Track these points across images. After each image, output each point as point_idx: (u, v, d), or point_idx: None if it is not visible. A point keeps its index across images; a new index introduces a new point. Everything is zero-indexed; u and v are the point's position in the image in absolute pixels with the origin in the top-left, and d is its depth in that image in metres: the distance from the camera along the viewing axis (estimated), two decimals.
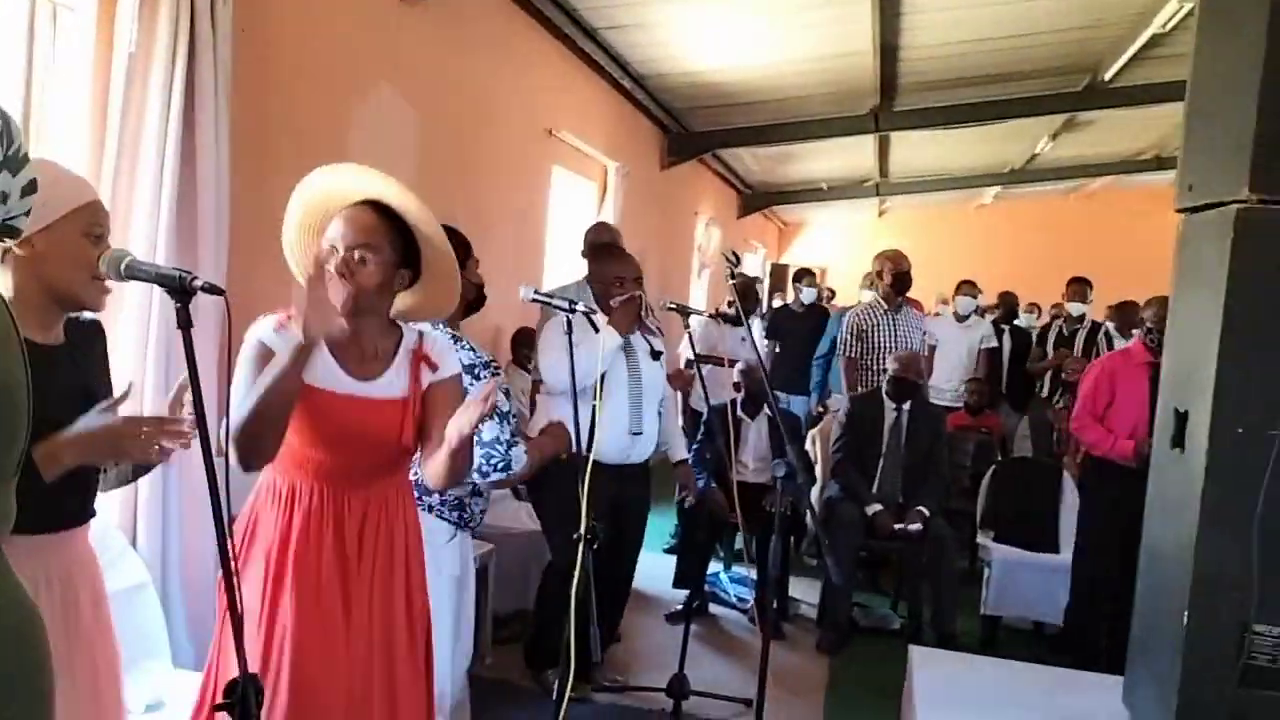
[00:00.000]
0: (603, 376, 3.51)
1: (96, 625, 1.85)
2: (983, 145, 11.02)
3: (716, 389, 5.74)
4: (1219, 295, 2.29)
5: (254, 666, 1.79)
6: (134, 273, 1.64)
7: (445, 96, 4.75)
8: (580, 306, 2.75)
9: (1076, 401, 4.63)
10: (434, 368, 2.17)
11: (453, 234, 2.59)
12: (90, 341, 1.89)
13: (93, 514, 1.87)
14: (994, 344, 7.31)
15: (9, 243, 1.69)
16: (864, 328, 5.67)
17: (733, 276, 3.32)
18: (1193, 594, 2.34)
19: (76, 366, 1.79)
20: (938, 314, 7.89)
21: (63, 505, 1.76)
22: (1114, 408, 4.33)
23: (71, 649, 1.76)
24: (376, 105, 4.12)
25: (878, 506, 4.77)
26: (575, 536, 2.71)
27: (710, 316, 6.34)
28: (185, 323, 1.61)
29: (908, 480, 4.88)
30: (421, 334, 2.21)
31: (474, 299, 2.94)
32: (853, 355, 5.69)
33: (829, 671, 4.40)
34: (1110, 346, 6.90)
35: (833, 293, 13.64)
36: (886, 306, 5.67)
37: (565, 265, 6.50)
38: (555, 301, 2.82)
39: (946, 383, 6.89)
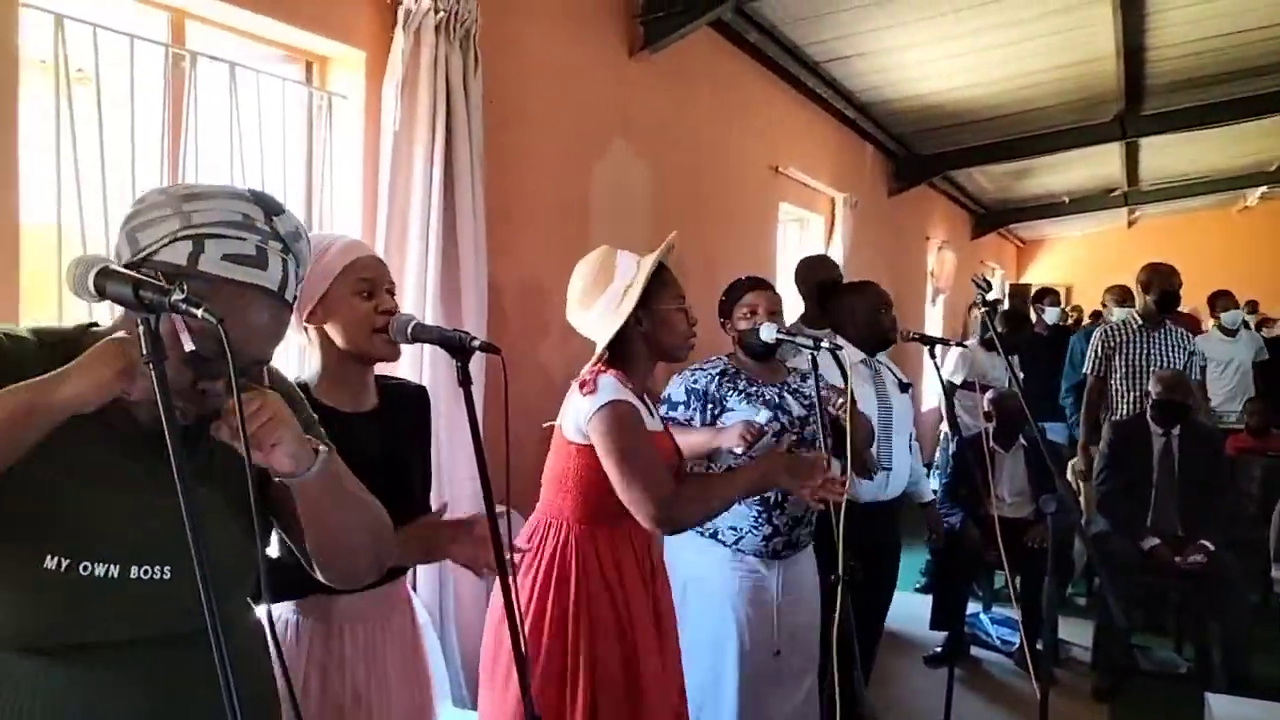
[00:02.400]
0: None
1: (404, 674, 1.97)
2: (1242, 143, 10.11)
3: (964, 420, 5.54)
4: None
5: None
6: (419, 335, 1.75)
7: (673, 145, 4.86)
8: (825, 343, 2.71)
9: None
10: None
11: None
12: (409, 408, 2.01)
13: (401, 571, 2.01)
14: (1265, 357, 6.66)
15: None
16: (1111, 346, 5.22)
17: (983, 303, 3.17)
18: None
19: (385, 433, 1.90)
20: (1204, 331, 7.25)
21: None
22: None
23: (378, 694, 1.88)
24: (611, 161, 4.26)
25: (1155, 540, 4.40)
26: (834, 578, 2.66)
27: (978, 343, 6.01)
28: (465, 380, 1.70)
29: (1185, 510, 4.48)
30: None
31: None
32: (1100, 375, 5.26)
33: (1110, 718, 4.08)
34: None
35: (1080, 312, 12.82)
36: (1142, 323, 5.20)
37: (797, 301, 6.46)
38: (800, 340, 2.79)
39: (1221, 403, 6.32)
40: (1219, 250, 14.07)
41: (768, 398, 2.91)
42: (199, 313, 1.09)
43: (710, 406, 2.89)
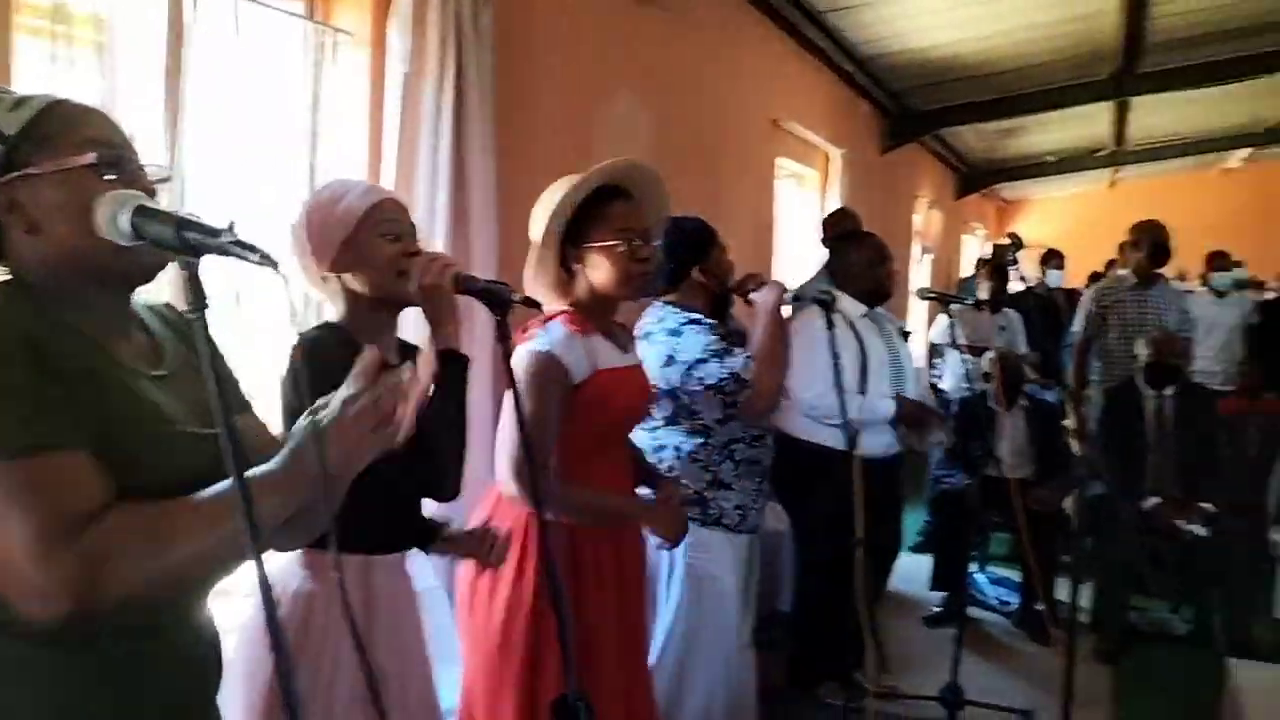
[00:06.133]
0: (863, 360, 3.38)
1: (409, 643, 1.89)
2: (1232, 104, 10.03)
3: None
4: None
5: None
6: (462, 285, 1.64)
7: (678, 95, 4.72)
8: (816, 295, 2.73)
9: None
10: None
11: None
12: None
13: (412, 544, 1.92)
14: (1256, 320, 6.66)
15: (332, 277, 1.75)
16: (1105, 305, 5.14)
17: (1015, 263, 3.11)
18: None
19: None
20: (1191, 292, 7.22)
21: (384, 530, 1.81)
22: None
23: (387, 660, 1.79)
24: (616, 109, 4.13)
25: (1156, 500, 4.38)
26: (853, 543, 2.60)
27: (976, 305, 5.89)
28: (505, 335, 1.60)
29: (1183, 473, 4.47)
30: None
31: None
32: (1090, 337, 5.17)
33: (1113, 680, 4.08)
34: None
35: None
36: (1136, 280, 5.12)
37: (794, 256, 6.39)
38: (811, 295, 2.78)
39: (1212, 364, 6.32)
40: (1202, 212, 14.07)
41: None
42: (254, 257, 0.98)
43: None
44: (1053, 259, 7.27)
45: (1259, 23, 6.93)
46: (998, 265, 5.81)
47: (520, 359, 2.07)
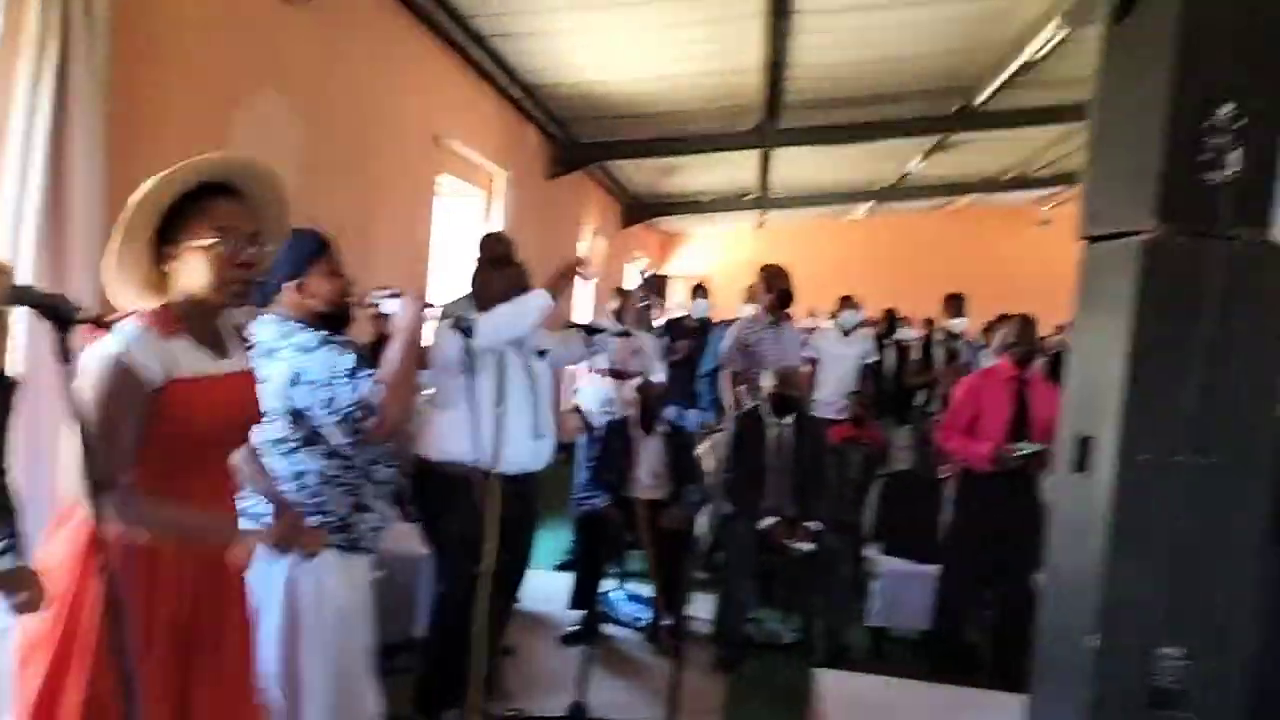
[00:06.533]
0: (501, 379, 3.40)
1: None
2: (858, 162, 11.29)
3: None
4: (1124, 323, 2.35)
5: None
6: (18, 296, 1.46)
7: (331, 102, 4.56)
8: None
9: (945, 414, 4.80)
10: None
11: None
12: None
13: None
14: (876, 358, 7.48)
15: None
16: (748, 341, 5.69)
17: (645, 299, 3.27)
18: (1101, 617, 2.39)
19: None
20: (819, 328, 8.02)
21: None
22: (980, 421, 4.48)
23: None
24: (258, 110, 3.90)
25: (770, 521, 4.79)
26: (477, 570, 2.60)
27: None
28: (66, 355, 1.45)
29: (797, 494, 4.92)
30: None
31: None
32: (738, 370, 5.70)
33: (728, 689, 4.38)
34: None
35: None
36: (770, 318, 5.71)
37: (453, 274, 6.34)
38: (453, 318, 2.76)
39: (832, 396, 7.00)
40: (834, 255, 15.68)
41: None
42: None
43: None
44: (699, 291, 7.77)
45: (880, 93, 7.84)
46: (635, 295, 6.05)
47: (87, 362, 1.86)
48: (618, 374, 5.80)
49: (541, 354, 3.63)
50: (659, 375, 5.93)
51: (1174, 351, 2.28)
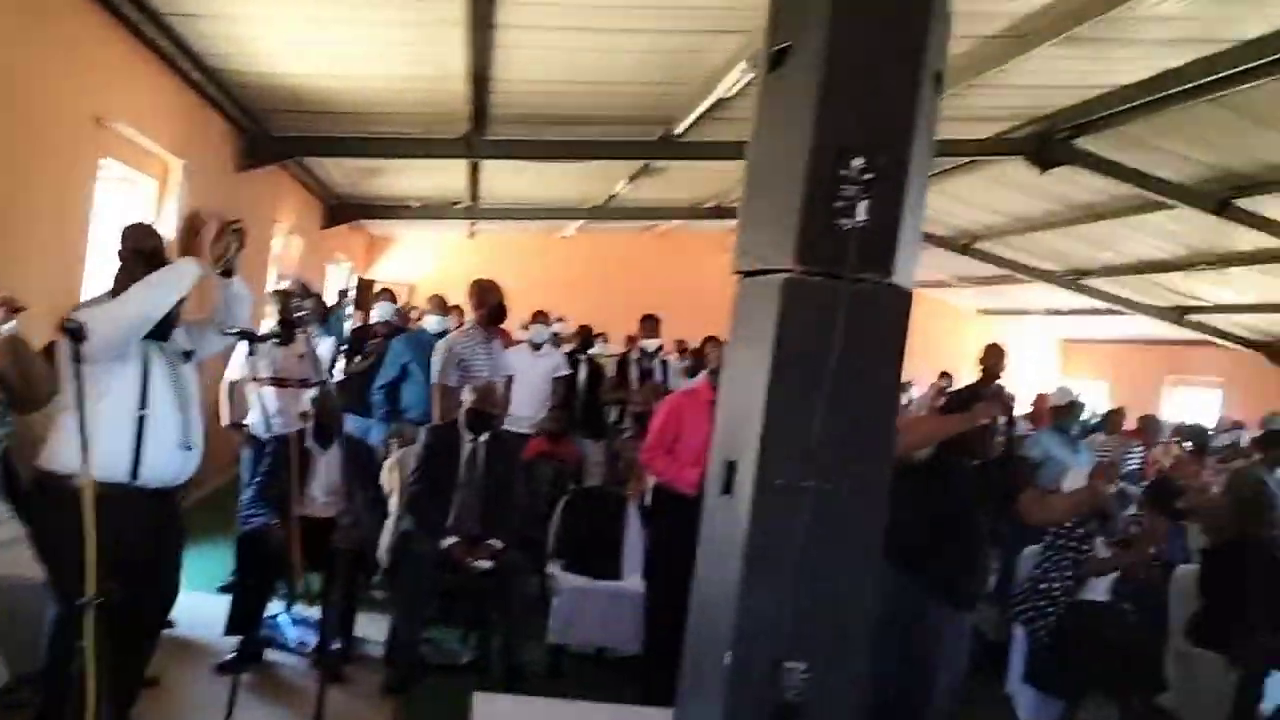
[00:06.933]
0: (144, 383, 3.11)
1: None
2: (568, 180, 11.47)
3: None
4: (767, 356, 2.48)
5: None
6: None
7: None
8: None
9: (649, 433, 4.93)
10: None
11: None
12: None
13: None
14: (567, 372, 7.56)
15: None
16: (464, 355, 5.62)
17: (300, 308, 3.09)
18: (735, 633, 2.51)
19: None
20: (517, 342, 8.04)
21: None
22: (681, 441, 4.64)
23: None
24: None
25: (453, 539, 4.70)
26: (80, 601, 2.33)
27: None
28: None
29: (486, 511, 4.87)
30: None
31: None
32: (451, 384, 5.58)
33: (393, 714, 4.23)
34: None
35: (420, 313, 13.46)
36: (481, 333, 5.66)
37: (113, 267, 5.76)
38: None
39: (526, 410, 7.01)
40: (546, 272, 15.83)
41: None
42: None
43: None
44: (383, 295, 7.57)
45: (587, 115, 7.99)
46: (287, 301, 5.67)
47: None
48: (280, 382, 5.48)
49: (187, 356, 3.34)
50: (330, 382, 5.68)
51: (806, 384, 2.43)
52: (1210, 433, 9.74)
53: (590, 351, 9.16)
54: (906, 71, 2.42)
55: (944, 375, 12.90)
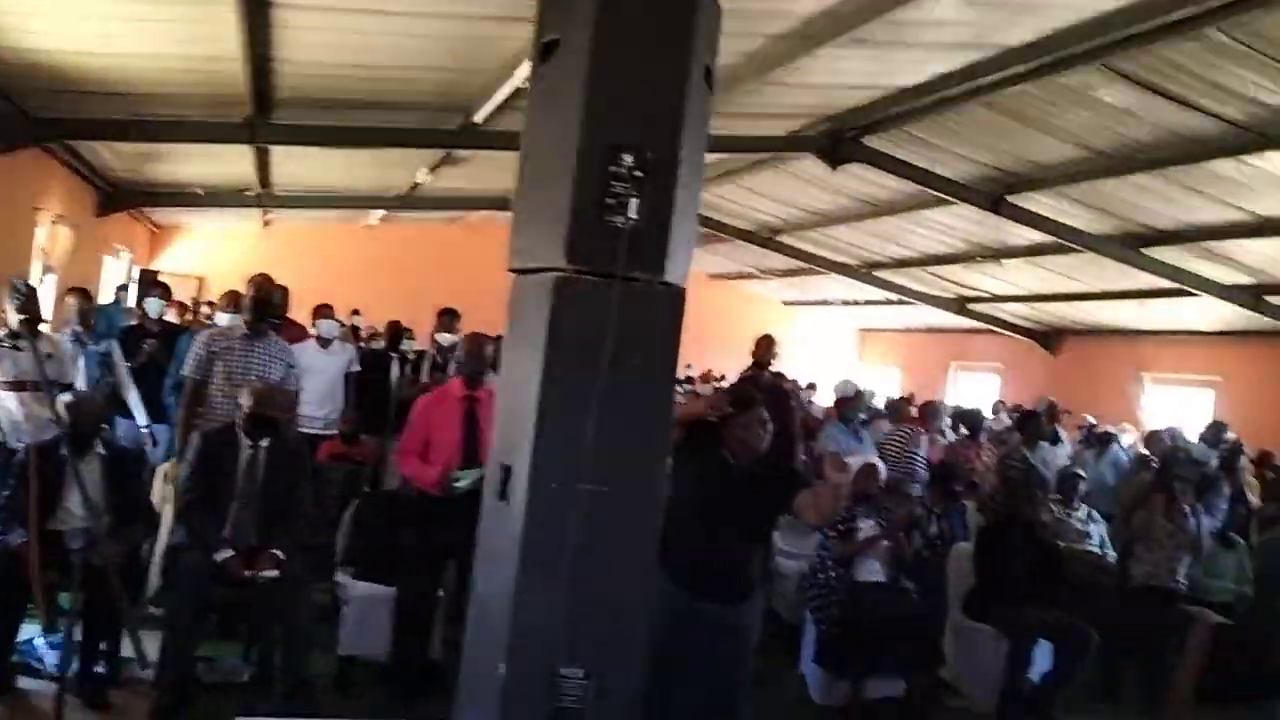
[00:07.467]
0: None
1: None
2: (367, 169, 11.08)
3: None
4: (540, 356, 2.42)
5: None
6: None
7: None
8: None
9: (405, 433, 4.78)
10: None
11: None
12: None
13: None
14: (358, 368, 7.21)
15: None
16: (215, 352, 5.16)
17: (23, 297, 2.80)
18: (511, 639, 2.44)
19: None
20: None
21: None
22: (433, 441, 4.52)
23: None
24: None
25: (229, 552, 4.40)
26: None
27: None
28: None
29: (264, 521, 4.59)
30: None
31: None
32: (198, 380, 5.14)
33: None
34: None
35: (212, 307, 12.67)
36: (247, 330, 5.26)
37: None
38: None
39: (317, 410, 6.70)
40: (348, 263, 15.26)
41: None
42: None
43: None
44: (154, 288, 7.06)
45: (380, 100, 7.69)
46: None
47: None
48: (19, 385, 5.00)
49: None
50: (73, 379, 5.24)
51: (579, 385, 2.38)
52: (987, 418, 10.38)
53: (401, 348, 8.85)
54: (674, 66, 2.40)
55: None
